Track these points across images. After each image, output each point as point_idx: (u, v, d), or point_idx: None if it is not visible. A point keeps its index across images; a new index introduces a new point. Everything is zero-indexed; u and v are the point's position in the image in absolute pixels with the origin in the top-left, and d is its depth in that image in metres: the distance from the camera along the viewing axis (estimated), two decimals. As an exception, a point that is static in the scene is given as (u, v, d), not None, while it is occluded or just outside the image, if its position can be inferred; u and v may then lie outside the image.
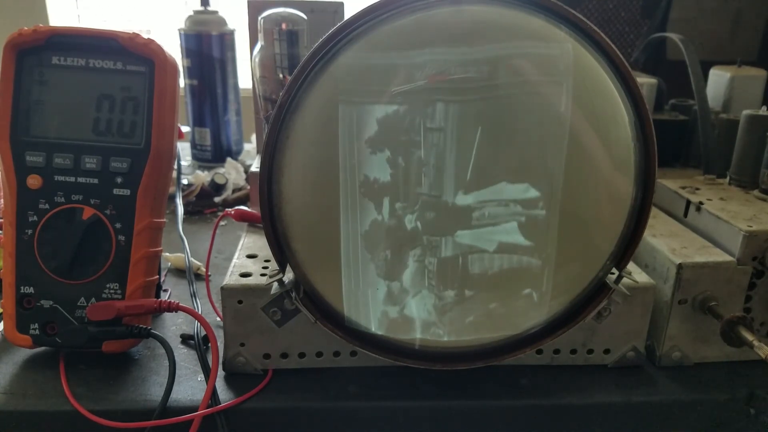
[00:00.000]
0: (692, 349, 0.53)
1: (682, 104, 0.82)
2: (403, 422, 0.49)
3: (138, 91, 0.50)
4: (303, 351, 0.51)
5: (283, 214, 0.43)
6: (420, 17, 0.40)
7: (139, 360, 0.52)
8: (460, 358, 0.48)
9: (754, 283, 0.52)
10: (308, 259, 0.44)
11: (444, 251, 0.43)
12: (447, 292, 0.44)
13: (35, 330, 0.50)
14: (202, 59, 0.98)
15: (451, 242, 0.43)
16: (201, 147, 1.03)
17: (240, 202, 0.90)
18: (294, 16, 0.60)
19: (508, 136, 0.41)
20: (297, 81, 0.41)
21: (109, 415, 0.46)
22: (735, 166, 0.63)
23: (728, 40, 1.08)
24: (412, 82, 0.40)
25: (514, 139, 0.41)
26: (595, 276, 0.46)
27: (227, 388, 0.49)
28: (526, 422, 0.49)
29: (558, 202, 0.42)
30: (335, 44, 0.41)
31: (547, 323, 0.47)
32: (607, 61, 0.42)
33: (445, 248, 0.43)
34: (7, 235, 0.50)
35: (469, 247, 0.43)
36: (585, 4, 1.06)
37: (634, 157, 0.43)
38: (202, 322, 0.50)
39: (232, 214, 0.59)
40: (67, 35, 0.49)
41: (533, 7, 0.41)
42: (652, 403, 0.49)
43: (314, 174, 0.42)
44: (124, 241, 0.50)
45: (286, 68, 0.61)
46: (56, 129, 0.50)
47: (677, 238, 0.55)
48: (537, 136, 0.41)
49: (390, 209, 0.42)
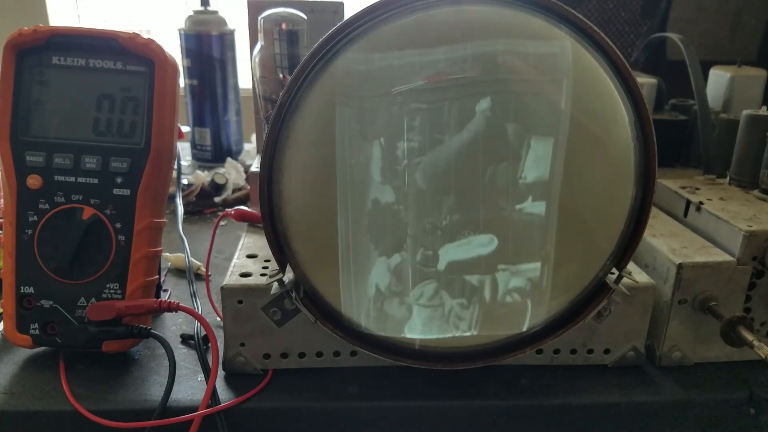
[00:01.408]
0: (692, 349, 0.53)
1: (682, 104, 0.82)
2: (403, 422, 0.49)
3: (138, 91, 0.50)
4: (303, 351, 0.51)
5: (283, 214, 0.43)
6: (420, 17, 0.40)
7: (139, 360, 0.52)
8: (460, 358, 0.48)
9: (754, 283, 0.52)
10: (308, 259, 0.44)
11: (444, 251, 0.43)
12: (447, 291, 0.44)
13: (35, 330, 0.50)
14: (202, 59, 0.98)
15: (450, 243, 0.43)
16: (201, 147, 1.03)
17: (240, 202, 0.90)
18: (294, 16, 0.60)
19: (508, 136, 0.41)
20: (297, 81, 0.41)
21: (109, 415, 0.46)
22: (735, 166, 0.63)
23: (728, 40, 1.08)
24: (411, 82, 0.40)
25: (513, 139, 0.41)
26: (595, 276, 0.46)
27: (227, 388, 0.49)
28: (526, 422, 0.49)
29: (558, 202, 0.42)
30: (335, 44, 0.41)
31: (547, 323, 0.47)
32: (607, 61, 0.42)
33: (445, 248, 0.43)
34: (7, 235, 0.50)
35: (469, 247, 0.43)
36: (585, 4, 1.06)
37: (634, 157, 0.43)
38: (202, 322, 0.50)
39: (232, 214, 0.59)
40: (67, 35, 0.49)
41: (533, 7, 0.41)
42: (652, 403, 0.49)
43: (314, 174, 0.42)
44: (124, 241, 0.50)
45: (286, 68, 0.61)
46: (56, 129, 0.50)
47: (677, 238, 0.55)
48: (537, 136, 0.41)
49: (390, 209, 0.42)
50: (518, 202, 0.42)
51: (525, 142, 0.41)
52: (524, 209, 0.42)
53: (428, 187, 0.42)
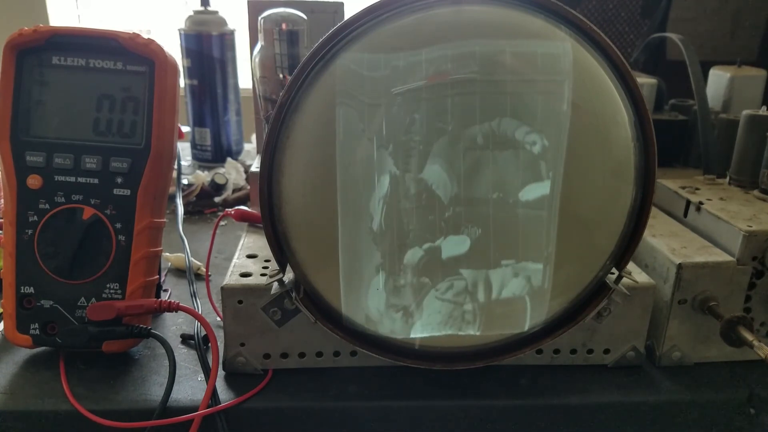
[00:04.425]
0: (692, 349, 0.53)
1: (682, 104, 0.83)
2: (403, 422, 0.49)
3: (138, 91, 0.50)
4: (303, 351, 0.51)
5: (283, 214, 0.43)
6: (420, 17, 0.40)
7: (139, 360, 0.52)
8: (459, 358, 0.48)
9: (754, 283, 0.52)
10: (308, 259, 0.44)
11: (444, 251, 0.43)
12: (447, 291, 0.44)
13: (35, 330, 0.50)
14: (202, 59, 0.98)
15: (451, 242, 0.43)
16: (201, 147, 1.03)
17: (240, 202, 0.90)
18: (294, 16, 0.60)
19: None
20: (297, 81, 0.41)
21: (109, 415, 0.46)
22: (735, 166, 0.63)
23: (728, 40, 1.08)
24: (411, 82, 0.40)
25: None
26: (595, 276, 0.46)
27: (227, 388, 0.49)
28: (526, 422, 0.49)
29: (558, 202, 0.42)
30: (335, 44, 0.41)
31: (547, 323, 0.47)
32: (607, 61, 0.42)
33: (446, 247, 0.43)
34: (7, 235, 0.50)
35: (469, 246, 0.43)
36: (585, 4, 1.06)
37: (634, 157, 0.43)
38: (202, 322, 0.50)
39: (232, 214, 0.59)
40: (68, 35, 0.49)
41: (533, 7, 0.41)
42: (652, 403, 0.49)
43: (314, 174, 0.42)
44: (124, 241, 0.50)
45: (286, 68, 0.61)
46: (56, 129, 0.50)
47: (677, 238, 0.55)
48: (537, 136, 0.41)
49: (390, 209, 0.42)
50: (519, 201, 0.42)
51: (525, 142, 0.41)
52: (525, 208, 0.42)
53: (428, 186, 0.42)
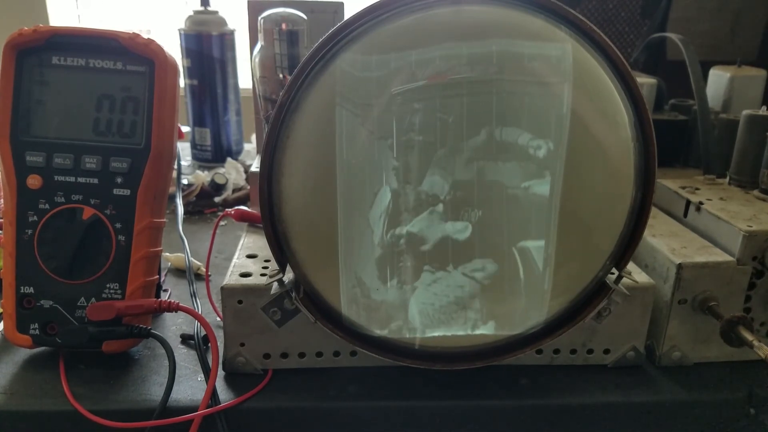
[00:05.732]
0: (692, 349, 0.53)
1: (682, 104, 0.82)
2: (403, 422, 0.49)
3: (138, 91, 0.50)
4: (303, 351, 0.51)
5: (283, 214, 0.43)
6: (420, 17, 0.40)
7: (139, 360, 0.52)
8: (460, 358, 0.48)
9: (754, 283, 0.52)
10: (308, 259, 0.44)
11: (444, 251, 0.43)
12: (447, 291, 0.44)
13: (35, 330, 0.50)
14: (202, 59, 0.98)
15: (451, 242, 0.43)
16: (201, 147, 1.03)
17: (240, 202, 0.90)
18: (294, 16, 0.60)
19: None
20: (297, 81, 0.41)
21: (109, 415, 0.46)
22: (735, 166, 0.63)
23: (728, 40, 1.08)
24: (411, 82, 0.40)
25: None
26: (594, 276, 0.46)
27: (227, 388, 0.49)
28: (526, 422, 0.49)
29: (558, 202, 0.42)
30: (335, 44, 0.41)
31: (547, 323, 0.47)
32: (607, 61, 0.42)
33: (445, 248, 0.43)
34: (7, 235, 0.50)
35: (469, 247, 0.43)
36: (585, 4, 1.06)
37: (634, 157, 0.43)
38: (202, 322, 0.50)
39: (232, 214, 0.59)
40: (68, 35, 0.49)
41: (533, 7, 0.41)
42: (652, 403, 0.49)
43: (314, 174, 0.42)
44: (124, 241, 0.50)
45: (286, 68, 0.61)
46: (56, 129, 0.50)
47: (677, 238, 0.55)
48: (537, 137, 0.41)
49: (390, 209, 0.42)
50: (519, 201, 0.42)
51: (525, 142, 0.41)
52: (525, 208, 0.42)
53: (428, 187, 0.42)
